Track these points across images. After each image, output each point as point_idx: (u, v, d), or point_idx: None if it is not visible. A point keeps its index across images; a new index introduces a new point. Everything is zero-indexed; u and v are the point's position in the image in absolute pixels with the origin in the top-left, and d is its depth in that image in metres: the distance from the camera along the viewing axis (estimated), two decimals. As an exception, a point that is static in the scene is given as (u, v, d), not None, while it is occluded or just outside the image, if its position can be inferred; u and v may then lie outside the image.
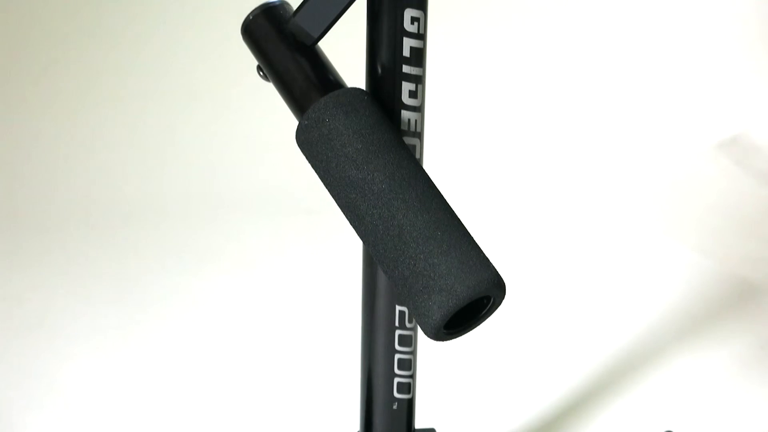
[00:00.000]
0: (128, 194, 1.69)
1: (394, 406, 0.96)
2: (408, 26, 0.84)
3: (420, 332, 0.97)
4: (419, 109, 0.86)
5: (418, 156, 0.87)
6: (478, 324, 0.78)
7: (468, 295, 0.74)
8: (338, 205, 0.80)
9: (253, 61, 0.89)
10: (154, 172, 1.73)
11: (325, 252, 1.56)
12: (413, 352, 0.94)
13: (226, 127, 1.81)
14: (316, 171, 0.82)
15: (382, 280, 0.91)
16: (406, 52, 0.84)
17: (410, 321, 0.93)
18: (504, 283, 0.75)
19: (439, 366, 1.30)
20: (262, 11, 0.87)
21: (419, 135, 0.87)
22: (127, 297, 1.44)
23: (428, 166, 0.87)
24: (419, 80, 0.86)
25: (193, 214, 1.65)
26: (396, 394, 0.95)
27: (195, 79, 1.86)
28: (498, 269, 0.75)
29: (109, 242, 1.58)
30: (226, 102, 1.83)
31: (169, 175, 1.72)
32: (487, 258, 0.76)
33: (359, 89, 0.83)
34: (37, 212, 1.65)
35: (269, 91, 0.89)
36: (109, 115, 1.82)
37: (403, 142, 0.82)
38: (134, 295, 1.45)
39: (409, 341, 0.93)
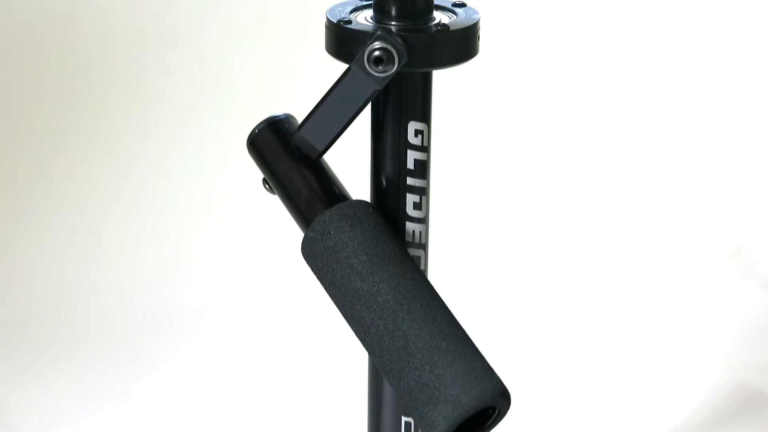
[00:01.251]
0: (135, 308, 1.69)
1: None
2: (412, 139, 0.85)
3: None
4: (424, 221, 0.87)
5: (422, 267, 0.88)
6: (484, 435, 0.78)
7: (473, 406, 0.74)
8: (343, 316, 0.81)
9: (258, 174, 0.90)
10: (161, 286, 1.73)
11: (331, 363, 1.56)
12: (419, 464, 0.94)
13: (232, 239, 1.81)
14: (321, 282, 0.82)
15: (387, 390, 0.91)
16: (410, 165, 0.85)
17: (416, 432, 0.92)
18: (509, 394, 0.76)
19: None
20: (268, 125, 0.88)
21: (424, 246, 0.88)
22: (138, 415, 1.44)
23: (433, 277, 0.88)
24: (423, 192, 0.87)
25: (203, 328, 1.65)
26: (403, 507, 0.95)
27: (199, 192, 1.87)
28: (504, 381, 0.75)
29: (117, 358, 1.57)
30: (230, 213, 1.84)
31: (176, 289, 1.72)
32: (491, 368, 0.76)
33: (364, 201, 0.84)
34: (42, 328, 1.65)
35: (274, 204, 0.90)
36: (111, 225, 1.83)
37: (408, 253, 0.83)
38: (145, 413, 1.44)
39: (415, 452, 0.93)
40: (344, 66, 0.83)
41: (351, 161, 1.07)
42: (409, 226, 0.86)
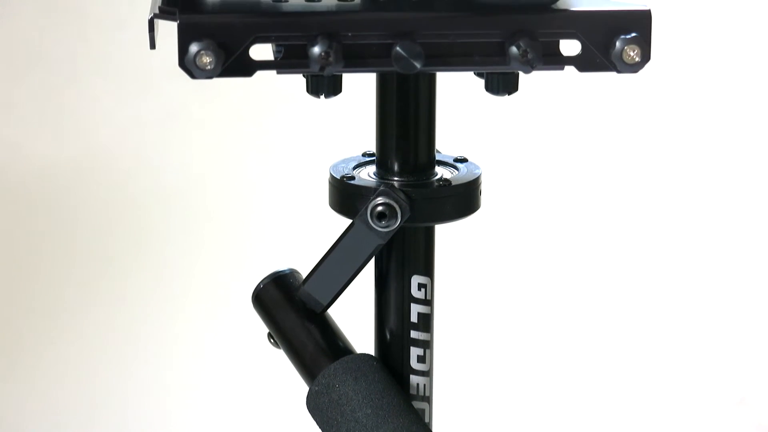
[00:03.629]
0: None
1: None
2: (415, 292, 0.85)
3: None
4: (428, 374, 0.87)
5: (427, 420, 0.88)
6: None
7: None
8: (348, 470, 0.80)
9: (262, 328, 0.90)
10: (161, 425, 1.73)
11: None
12: None
13: (237, 393, 1.81)
14: (326, 436, 0.82)
15: None
16: (413, 318, 0.86)
17: None
18: None
19: None
20: (272, 280, 0.89)
21: (428, 399, 0.87)
22: None
23: (438, 430, 0.88)
24: (427, 345, 0.87)
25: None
26: None
27: (202, 348, 1.87)
28: None
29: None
30: (234, 368, 1.84)
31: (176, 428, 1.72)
32: None
33: (368, 355, 0.85)
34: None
35: (280, 358, 0.90)
36: (115, 371, 1.82)
37: (412, 406, 0.83)
38: None
39: None
40: (348, 221, 0.84)
41: (355, 314, 1.08)
42: (413, 379, 0.86)
